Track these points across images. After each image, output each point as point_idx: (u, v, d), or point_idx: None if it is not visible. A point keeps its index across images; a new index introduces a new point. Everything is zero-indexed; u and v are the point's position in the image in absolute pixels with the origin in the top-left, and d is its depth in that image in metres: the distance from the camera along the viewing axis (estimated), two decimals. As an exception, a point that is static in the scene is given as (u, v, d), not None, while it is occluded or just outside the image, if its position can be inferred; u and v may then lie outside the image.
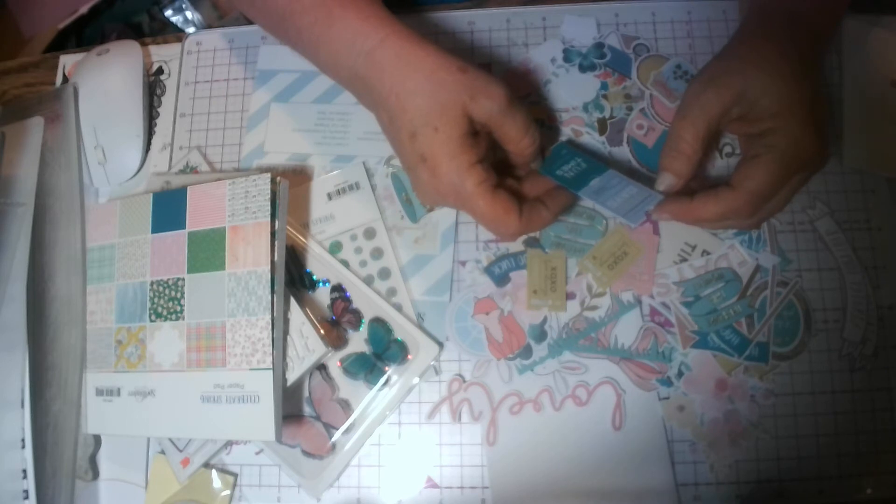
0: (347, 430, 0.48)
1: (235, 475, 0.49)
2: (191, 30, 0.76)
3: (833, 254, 0.49)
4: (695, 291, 0.49)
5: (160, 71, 0.59)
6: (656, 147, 0.51)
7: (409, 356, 0.49)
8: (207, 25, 0.96)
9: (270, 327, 0.45)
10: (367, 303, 0.50)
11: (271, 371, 0.44)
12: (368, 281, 0.51)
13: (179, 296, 0.48)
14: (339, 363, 0.49)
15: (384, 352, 0.49)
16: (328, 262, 0.51)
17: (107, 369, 0.49)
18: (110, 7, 0.96)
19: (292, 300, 0.48)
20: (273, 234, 0.46)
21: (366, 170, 0.53)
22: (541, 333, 0.49)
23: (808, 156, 0.43)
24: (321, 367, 0.50)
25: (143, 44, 0.59)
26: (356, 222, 0.52)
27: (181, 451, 0.48)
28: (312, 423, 0.49)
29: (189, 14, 0.96)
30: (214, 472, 0.49)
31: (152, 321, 0.48)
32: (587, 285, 0.50)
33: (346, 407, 0.49)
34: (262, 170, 0.54)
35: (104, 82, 0.56)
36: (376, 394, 0.49)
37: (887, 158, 0.51)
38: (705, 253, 0.49)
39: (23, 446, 0.47)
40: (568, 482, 0.47)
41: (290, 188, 0.49)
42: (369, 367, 0.49)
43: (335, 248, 0.52)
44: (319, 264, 0.51)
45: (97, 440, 0.51)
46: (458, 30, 0.56)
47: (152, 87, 0.58)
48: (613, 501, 0.46)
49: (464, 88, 0.41)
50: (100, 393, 0.49)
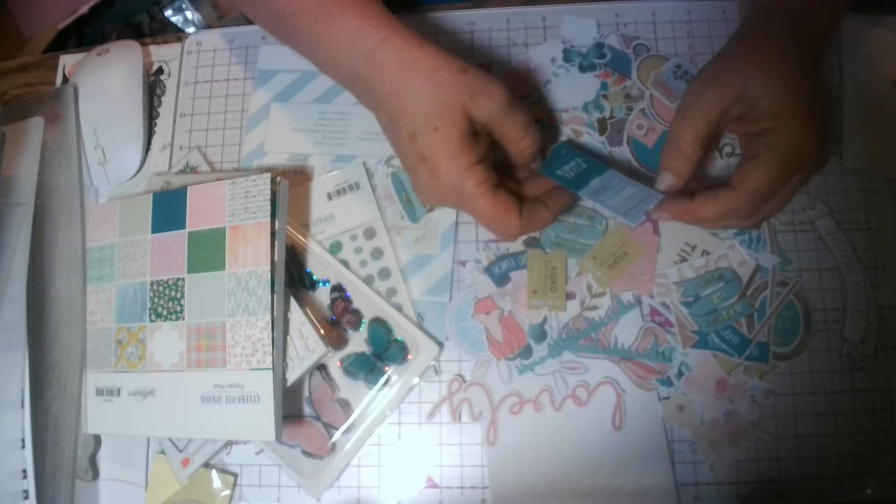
0: (347, 430, 0.48)
1: (235, 475, 0.49)
2: (191, 30, 0.76)
3: (833, 254, 0.49)
4: (695, 291, 0.49)
5: (160, 71, 0.59)
6: (656, 147, 0.51)
7: (409, 356, 0.49)
8: (207, 25, 0.96)
9: (270, 327, 0.45)
10: (367, 303, 0.50)
11: (271, 371, 0.44)
12: (368, 281, 0.51)
13: (179, 296, 0.48)
14: (339, 363, 0.49)
15: (384, 352, 0.49)
16: (328, 262, 0.51)
17: (107, 369, 0.49)
18: (110, 7, 0.96)
19: (292, 300, 0.48)
20: (273, 234, 0.46)
21: (366, 170, 0.53)
22: (541, 333, 0.49)
23: (808, 156, 0.43)
24: (321, 367, 0.50)
25: (143, 44, 0.59)
26: (356, 222, 0.52)
27: (181, 451, 0.48)
28: (312, 423, 0.49)
29: (189, 14, 0.96)
30: (214, 472, 0.49)
31: (152, 321, 0.48)
32: (587, 285, 0.50)
33: (346, 407, 0.49)
34: (262, 170, 0.54)
35: (104, 82, 0.56)
36: (376, 394, 0.49)
37: (887, 158, 0.51)
38: (705, 253, 0.49)
39: (23, 446, 0.47)
40: (568, 482, 0.47)
41: (290, 188, 0.49)
42: (369, 367, 0.49)
43: (335, 248, 0.52)
44: (319, 264, 0.51)
45: (97, 440, 0.51)
46: (458, 30, 0.56)
47: (152, 87, 0.58)
48: (613, 501, 0.46)
49: (464, 88, 0.41)
50: (100, 393, 0.49)
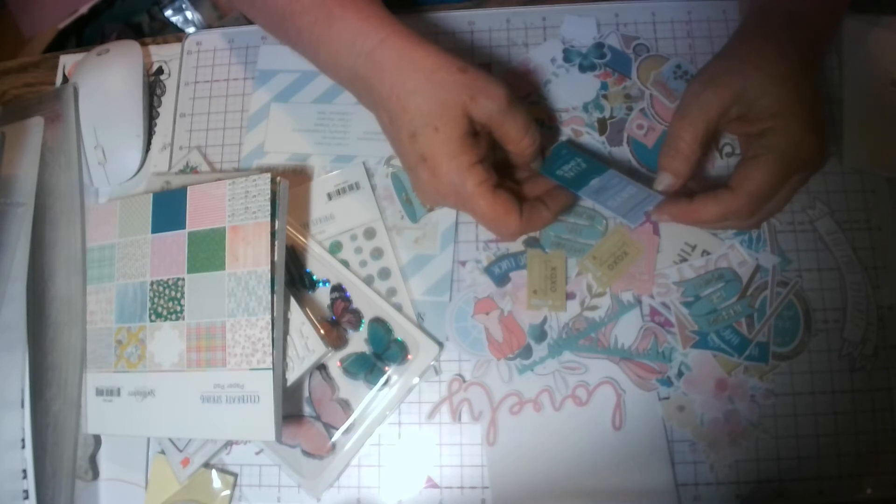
0: (347, 430, 0.48)
1: (235, 475, 0.49)
2: (191, 30, 0.76)
3: (833, 254, 0.49)
4: (695, 291, 0.49)
5: (160, 71, 0.59)
6: (656, 147, 0.51)
7: (409, 356, 0.49)
8: (207, 25, 0.96)
9: (270, 327, 0.45)
10: (367, 303, 0.50)
11: (271, 371, 0.44)
12: (368, 281, 0.51)
13: (179, 296, 0.48)
14: (339, 363, 0.49)
15: (384, 352, 0.49)
16: (328, 262, 0.51)
17: (107, 369, 0.49)
18: (110, 7, 0.96)
19: (292, 300, 0.48)
20: (273, 234, 0.46)
21: (366, 170, 0.53)
22: (541, 333, 0.49)
23: (808, 156, 0.43)
24: (321, 367, 0.50)
25: (143, 44, 0.59)
26: (356, 222, 0.52)
27: (181, 451, 0.48)
28: (312, 423, 0.49)
29: (189, 14, 0.96)
30: (214, 472, 0.49)
31: (152, 321, 0.48)
32: (587, 285, 0.50)
33: (346, 407, 0.49)
34: (262, 170, 0.54)
35: (104, 82, 0.56)
36: (376, 394, 0.49)
37: (887, 158, 0.51)
38: (705, 253, 0.49)
39: (23, 446, 0.47)
40: (568, 482, 0.47)
41: (290, 188, 0.49)
42: (369, 367, 0.49)
43: (335, 248, 0.52)
44: (319, 264, 0.51)
45: (97, 440, 0.51)
46: (458, 30, 0.56)
47: (152, 87, 0.58)
48: (613, 501, 0.46)
49: (464, 88, 0.41)
50: (100, 393, 0.49)
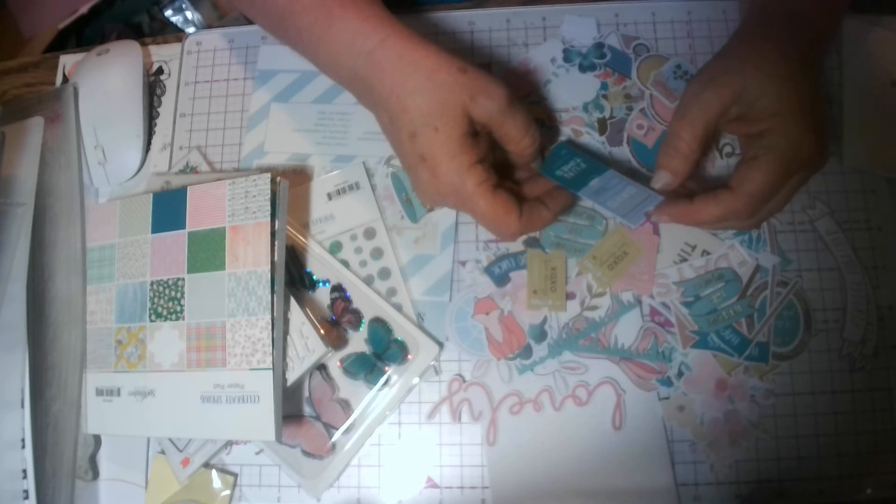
0: (347, 430, 0.48)
1: (235, 475, 0.49)
2: (191, 30, 0.76)
3: (833, 254, 0.49)
4: (695, 291, 0.49)
5: (160, 71, 0.59)
6: (656, 147, 0.51)
7: (409, 356, 0.49)
8: (207, 25, 0.96)
9: (270, 327, 0.45)
10: (367, 303, 0.50)
11: (271, 371, 0.44)
12: (368, 281, 0.51)
13: (179, 296, 0.48)
14: (339, 363, 0.49)
15: (384, 352, 0.49)
16: (328, 262, 0.51)
17: (107, 369, 0.49)
18: (110, 7, 0.96)
19: (292, 300, 0.48)
20: (273, 234, 0.46)
21: (366, 170, 0.53)
22: (541, 333, 0.49)
23: (808, 156, 0.43)
24: (321, 367, 0.50)
25: (143, 44, 0.59)
26: (356, 222, 0.52)
27: (181, 451, 0.48)
28: (312, 423, 0.49)
29: (189, 14, 0.96)
30: (214, 472, 0.49)
31: (152, 321, 0.48)
32: (587, 285, 0.50)
33: (346, 407, 0.49)
34: (262, 170, 0.54)
35: (104, 82, 0.56)
36: (376, 394, 0.49)
37: (887, 158, 0.51)
38: (705, 253, 0.49)
39: (23, 446, 0.47)
40: (568, 482, 0.47)
41: (290, 188, 0.49)
42: (369, 367, 0.49)
43: (335, 248, 0.52)
44: (319, 264, 0.51)
45: (97, 440, 0.51)
46: (458, 30, 0.56)
47: (152, 87, 0.58)
48: (613, 501, 0.46)
49: (464, 88, 0.41)
50: (100, 393, 0.49)
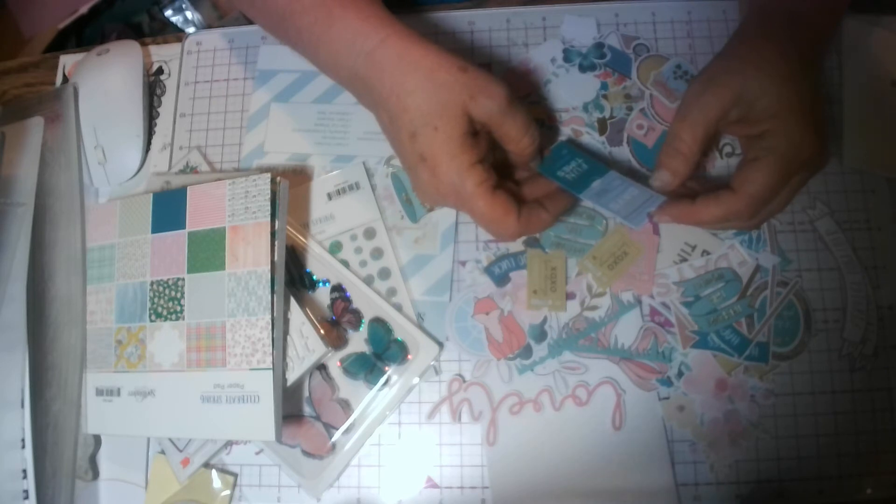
0: (347, 430, 0.48)
1: (235, 475, 0.49)
2: (191, 30, 0.76)
3: (833, 254, 0.49)
4: (695, 291, 0.49)
5: (160, 71, 0.59)
6: (656, 147, 0.51)
7: (409, 356, 0.49)
8: (207, 25, 0.96)
9: (270, 327, 0.45)
10: (367, 303, 0.50)
11: (271, 371, 0.44)
12: (368, 281, 0.51)
13: (179, 296, 0.48)
14: (339, 363, 0.49)
15: (384, 352, 0.49)
16: (328, 262, 0.51)
17: (107, 369, 0.49)
18: (110, 7, 0.96)
19: (292, 300, 0.48)
20: (273, 234, 0.46)
21: (366, 170, 0.53)
22: (541, 333, 0.49)
23: (808, 156, 0.43)
24: (321, 367, 0.50)
25: (143, 44, 0.59)
26: (356, 222, 0.52)
27: (181, 451, 0.48)
28: (312, 423, 0.49)
29: (189, 14, 0.96)
30: (214, 472, 0.49)
31: (152, 321, 0.48)
32: (587, 285, 0.50)
33: (346, 407, 0.49)
34: (262, 170, 0.54)
35: (104, 82, 0.56)
36: (376, 394, 0.49)
37: (887, 158, 0.51)
38: (705, 253, 0.49)
39: (23, 446, 0.47)
40: (568, 482, 0.47)
41: (290, 188, 0.49)
42: (369, 367, 0.49)
43: (335, 248, 0.52)
44: (319, 264, 0.51)
45: (97, 440, 0.51)
46: (458, 30, 0.56)
47: (152, 87, 0.58)
48: (613, 501, 0.46)
49: (464, 88, 0.41)
50: (100, 393, 0.49)
